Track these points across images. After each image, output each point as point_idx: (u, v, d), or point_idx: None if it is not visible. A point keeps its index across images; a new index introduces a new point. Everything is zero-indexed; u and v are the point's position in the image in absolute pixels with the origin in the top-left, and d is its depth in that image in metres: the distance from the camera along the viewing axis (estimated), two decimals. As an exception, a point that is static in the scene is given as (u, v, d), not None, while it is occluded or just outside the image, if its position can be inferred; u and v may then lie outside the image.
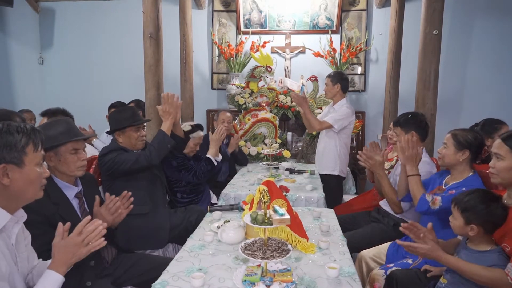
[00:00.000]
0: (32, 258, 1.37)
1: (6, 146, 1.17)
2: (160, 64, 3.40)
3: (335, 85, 3.40)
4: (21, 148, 1.19)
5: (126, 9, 5.19)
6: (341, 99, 3.43)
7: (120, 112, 2.56)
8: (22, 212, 1.29)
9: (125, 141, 2.49)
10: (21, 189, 1.21)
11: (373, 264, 2.18)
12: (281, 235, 1.72)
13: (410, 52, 4.55)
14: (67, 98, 5.17)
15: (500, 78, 4.90)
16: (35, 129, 1.26)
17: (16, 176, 1.19)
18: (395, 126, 2.50)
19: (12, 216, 1.22)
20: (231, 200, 2.80)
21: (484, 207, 1.52)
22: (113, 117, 2.56)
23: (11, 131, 1.19)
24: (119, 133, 2.48)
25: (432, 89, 3.17)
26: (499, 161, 1.60)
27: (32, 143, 1.22)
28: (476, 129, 2.48)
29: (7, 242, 1.21)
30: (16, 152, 1.18)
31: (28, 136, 1.21)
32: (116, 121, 2.50)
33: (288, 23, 5.04)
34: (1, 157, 1.16)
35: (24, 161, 1.20)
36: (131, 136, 2.48)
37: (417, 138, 2.37)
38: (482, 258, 1.51)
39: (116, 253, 1.94)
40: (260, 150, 4.19)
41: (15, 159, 1.18)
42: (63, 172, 1.75)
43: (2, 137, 1.17)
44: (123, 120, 2.47)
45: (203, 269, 1.55)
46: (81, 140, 1.81)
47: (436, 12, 3.08)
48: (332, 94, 3.44)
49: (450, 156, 2.00)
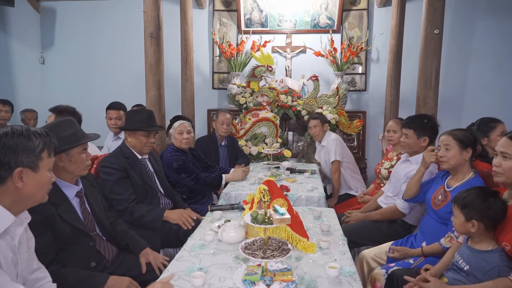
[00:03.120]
0: (31, 261, 1.37)
1: (25, 150, 1.19)
2: (160, 63, 3.40)
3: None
4: (38, 153, 1.22)
5: (127, 8, 5.20)
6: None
7: (137, 113, 2.54)
8: (26, 213, 1.29)
9: (134, 142, 2.46)
10: (32, 193, 1.23)
11: (374, 264, 2.18)
12: (282, 235, 1.72)
13: (411, 51, 4.55)
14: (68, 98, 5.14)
15: (501, 78, 4.89)
16: (50, 134, 1.28)
17: (30, 180, 1.21)
18: (406, 128, 2.45)
19: (16, 218, 1.23)
20: (232, 200, 2.80)
21: (481, 201, 1.53)
22: (129, 116, 2.55)
23: (30, 136, 1.21)
24: (130, 133, 2.47)
25: (433, 89, 3.17)
26: (506, 160, 1.57)
27: (47, 148, 1.25)
28: (472, 128, 2.47)
29: (10, 243, 1.22)
30: (34, 157, 1.21)
31: (44, 141, 1.24)
32: (130, 121, 2.48)
33: (289, 22, 5.04)
34: (19, 160, 1.18)
35: (39, 166, 1.22)
36: (141, 140, 2.45)
37: (426, 143, 2.40)
38: (484, 258, 1.51)
39: (117, 252, 1.94)
40: (261, 150, 4.19)
41: (32, 163, 1.20)
42: (71, 172, 1.75)
43: (22, 141, 1.19)
44: (137, 122, 2.45)
45: (204, 269, 1.55)
46: None
47: (437, 12, 3.08)
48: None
49: (456, 157, 1.96)
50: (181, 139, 3.01)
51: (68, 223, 1.67)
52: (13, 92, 5.08)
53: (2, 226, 1.16)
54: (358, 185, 3.56)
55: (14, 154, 1.17)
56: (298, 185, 3.03)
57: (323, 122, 3.65)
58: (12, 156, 1.16)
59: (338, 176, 3.49)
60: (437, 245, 1.91)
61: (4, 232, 1.18)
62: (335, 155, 3.49)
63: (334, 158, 3.49)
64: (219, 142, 3.78)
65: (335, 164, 3.50)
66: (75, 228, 1.69)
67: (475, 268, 1.53)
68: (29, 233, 1.35)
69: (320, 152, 3.78)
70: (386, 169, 2.93)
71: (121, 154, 2.43)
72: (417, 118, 2.50)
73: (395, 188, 2.53)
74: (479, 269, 1.51)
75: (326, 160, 3.64)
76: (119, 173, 2.32)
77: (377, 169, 3.05)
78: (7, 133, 1.18)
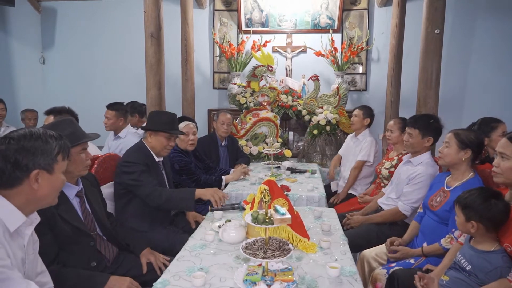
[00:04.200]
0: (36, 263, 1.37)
1: (43, 152, 1.21)
2: (161, 63, 3.40)
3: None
4: (54, 156, 1.24)
5: (127, 8, 5.19)
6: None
7: (161, 115, 2.53)
8: (35, 214, 1.31)
9: (154, 143, 2.43)
10: (46, 194, 1.25)
11: (375, 263, 2.18)
12: (282, 235, 1.72)
13: (411, 51, 4.54)
14: (68, 97, 5.17)
15: (501, 77, 4.89)
16: (64, 138, 1.30)
17: (45, 182, 1.22)
18: (411, 127, 2.44)
19: (27, 218, 1.24)
20: (233, 200, 2.80)
21: (481, 203, 1.53)
22: (152, 117, 2.52)
23: (47, 139, 1.23)
24: (151, 133, 2.43)
25: (433, 88, 3.16)
26: (504, 160, 1.58)
27: (62, 152, 1.26)
28: (473, 128, 2.47)
29: (20, 243, 1.23)
30: (50, 159, 1.22)
31: (60, 145, 1.26)
32: (153, 122, 2.46)
33: (289, 22, 5.03)
34: (37, 163, 1.20)
35: (54, 168, 1.24)
36: (161, 142, 2.42)
37: (430, 144, 2.40)
38: (486, 259, 1.51)
39: (118, 252, 1.94)
40: (261, 150, 4.19)
41: (48, 166, 1.22)
42: (71, 172, 1.74)
43: (40, 144, 1.21)
44: (160, 124, 2.42)
45: (204, 269, 1.55)
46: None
47: (437, 11, 3.07)
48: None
49: (452, 155, 2.00)
50: (187, 140, 2.99)
51: (69, 223, 1.67)
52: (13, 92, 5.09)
53: (13, 225, 1.18)
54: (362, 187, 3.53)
55: (32, 156, 1.19)
56: (299, 185, 3.03)
57: (365, 115, 3.53)
58: (30, 158, 1.18)
59: (357, 174, 3.44)
60: (438, 246, 1.91)
61: (15, 232, 1.20)
62: (368, 156, 3.42)
63: (366, 159, 3.42)
64: (220, 142, 3.78)
65: (360, 162, 3.44)
66: (75, 228, 1.69)
67: (477, 268, 1.52)
68: (34, 236, 1.36)
69: (349, 144, 3.69)
70: (386, 169, 2.92)
71: (141, 152, 2.40)
72: (422, 117, 2.49)
73: (397, 191, 2.52)
74: (481, 269, 1.51)
75: (353, 154, 3.56)
76: (143, 166, 2.30)
77: (378, 169, 3.05)
78: (25, 135, 1.20)
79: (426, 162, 2.39)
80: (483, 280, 1.50)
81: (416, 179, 2.36)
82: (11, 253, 1.16)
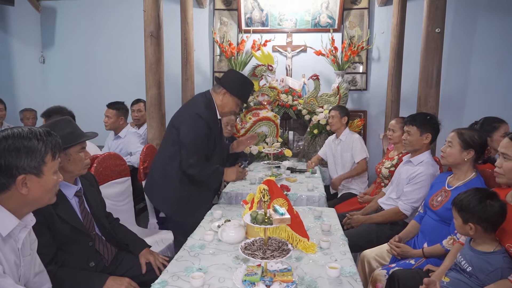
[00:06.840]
0: (34, 263, 1.36)
1: (27, 156, 1.13)
2: (161, 62, 3.39)
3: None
4: (41, 158, 1.16)
5: (127, 8, 5.19)
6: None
7: (246, 82, 2.47)
8: (31, 216, 1.27)
9: (226, 103, 2.40)
10: (38, 197, 1.20)
11: (375, 264, 2.17)
12: (282, 235, 1.71)
13: (412, 50, 4.53)
14: (68, 97, 5.18)
15: (502, 77, 4.87)
16: (53, 135, 1.22)
17: (35, 186, 1.16)
18: (409, 124, 2.44)
19: (20, 221, 1.20)
20: (232, 199, 2.79)
21: (476, 205, 1.51)
22: (236, 80, 2.44)
23: (31, 139, 1.15)
24: (227, 93, 2.38)
25: (434, 88, 3.15)
26: (506, 161, 1.56)
27: (51, 151, 1.19)
28: (475, 127, 2.46)
29: (13, 247, 1.20)
30: (36, 162, 1.15)
31: (46, 144, 1.18)
32: (235, 84, 2.40)
33: (289, 21, 5.02)
34: (21, 167, 1.12)
35: (43, 171, 1.17)
36: (232, 106, 2.41)
37: (429, 141, 2.40)
38: (487, 260, 1.49)
39: (116, 252, 1.93)
40: (261, 149, 4.18)
41: (35, 169, 1.15)
42: (69, 171, 1.74)
43: (24, 146, 1.13)
44: (242, 90, 2.41)
45: (203, 269, 1.54)
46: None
47: (438, 10, 3.06)
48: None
49: (455, 155, 1.98)
50: (227, 130, 2.98)
51: (67, 223, 1.66)
52: (13, 92, 5.08)
53: (5, 230, 1.14)
54: (361, 186, 3.53)
55: (16, 159, 1.11)
56: (299, 184, 3.02)
57: (342, 114, 3.55)
58: (13, 162, 1.11)
59: (361, 171, 3.46)
60: (439, 247, 1.89)
61: (8, 236, 1.16)
62: (364, 151, 3.45)
63: (365, 155, 3.44)
64: (221, 142, 3.75)
65: (362, 161, 3.44)
66: (74, 228, 1.68)
67: (477, 269, 1.51)
68: (32, 235, 1.34)
69: (331, 147, 3.66)
70: (387, 169, 2.91)
71: (212, 108, 2.37)
72: (420, 115, 2.52)
73: (398, 191, 2.51)
74: (482, 270, 1.49)
75: (341, 155, 3.56)
76: (207, 130, 2.27)
77: (378, 169, 3.04)
78: (7, 137, 1.12)
79: (426, 161, 2.38)
80: (484, 282, 1.48)
81: (416, 179, 2.35)
82: (3, 259, 1.13)
